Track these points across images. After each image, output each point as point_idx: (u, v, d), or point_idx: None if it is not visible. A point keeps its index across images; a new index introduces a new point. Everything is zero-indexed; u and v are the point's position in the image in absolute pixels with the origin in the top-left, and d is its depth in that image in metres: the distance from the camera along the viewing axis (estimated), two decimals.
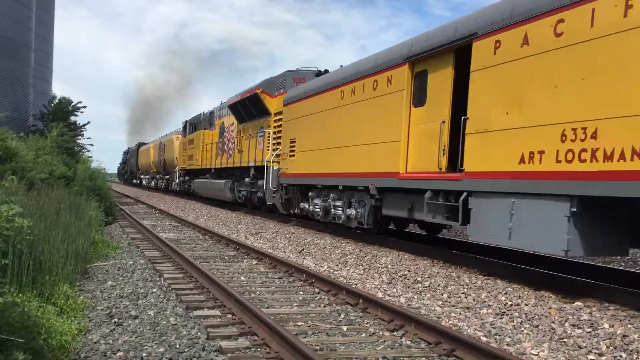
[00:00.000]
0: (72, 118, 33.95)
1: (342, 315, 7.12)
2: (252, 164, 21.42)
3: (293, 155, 17.06)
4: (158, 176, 45.34)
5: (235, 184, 24.22)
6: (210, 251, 12.82)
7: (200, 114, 32.26)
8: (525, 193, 8.07)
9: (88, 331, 6.22)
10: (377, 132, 12.31)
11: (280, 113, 18.76)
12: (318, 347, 5.72)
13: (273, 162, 18.92)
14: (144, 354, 5.50)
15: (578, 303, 7.49)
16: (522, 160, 8.15)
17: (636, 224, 7.63)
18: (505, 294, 8.10)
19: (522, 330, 6.52)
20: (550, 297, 7.88)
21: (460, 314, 7.29)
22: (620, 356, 5.61)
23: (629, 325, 6.44)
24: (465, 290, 8.49)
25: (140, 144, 59.20)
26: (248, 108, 21.92)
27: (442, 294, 8.37)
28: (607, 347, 5.85)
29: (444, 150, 10.19)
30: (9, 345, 4.11)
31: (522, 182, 8.10)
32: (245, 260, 11.57)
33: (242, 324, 6.52)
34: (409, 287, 8.99)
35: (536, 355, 5.64)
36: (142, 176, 54.89)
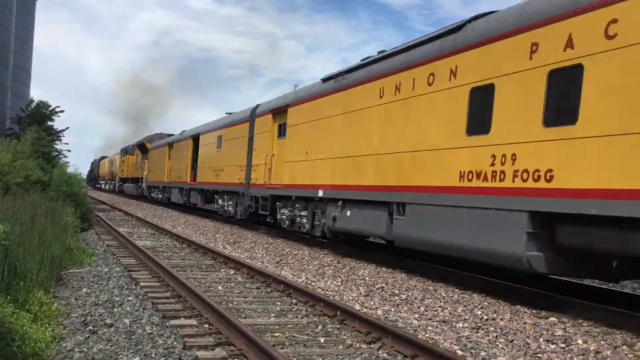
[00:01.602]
0: (50, 122, 33.64)
1: (320, 327, 7.12)
2: (142, 175, 42.44)
3: (149, 172, 38.72)
4: (109, 182, 65.72)
5: (137, 186, 45.03)
6: (188, 260, 12.74)
7: (130, 144, 51.27)
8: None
9: (62, 339, 6.15)
10: (181, 166, 29.72)
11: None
12: (295, 359, 5.71)
13: (147, 175, 39.72)
14: None
15: (552, 318, 7.59)
16: (193, 179, 27.35)
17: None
18: (481, 308, 8.17)
19: (498, 345, 6.58)
20: (525, 312, 7.98)
21: (437, 327, 7.34)
22: None
23: (602, 342, 6.54)
24: (442, 303, 8.55)
25: (101, 158, 78.12)
26: (142, 148, 42.78)
27: (419, 307, 8.42)
28: None
29: (189, 174, 28.07)
30: None
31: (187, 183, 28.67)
32: (222, 270, 11.51)
33: (219, 334, 6.48)
34: (386, 299, 9.02)
35: None
36: (101, 181, 74.53)
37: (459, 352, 6.21)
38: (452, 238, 9.35)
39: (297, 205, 15.79)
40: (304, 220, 15.30)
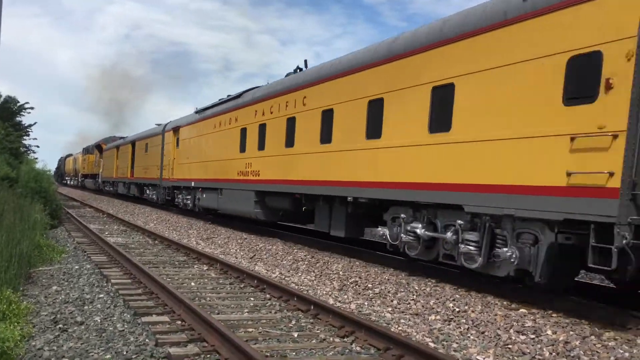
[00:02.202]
0: (18, 118, 33.01)
1: (293, 322, 7.12)
2: (99, 172, 47.91)
3: (104, 170, 44.88)
4: (74, 178, 71.91)
5: (95, 181, 50.82)
6: (160, 256, 12.62)
7: (89, 145, 57.41)
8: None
9: (32, 337, 6.04)
10: (124, 164, 36.96)
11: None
12: (269, 354, 5.71)
13: (102, 172, 45.86)
14: None
15: (523, 310, 7.71)
16: (132, 175, 34.76)
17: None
18: (453, 300, 8.26)
19: (469, 336, 6.66)
20: (496, 304, 8.08)
21: (410, 320, 7.40)
22: None
23: (571, 332, 6.67)
24: (415, 297, 8.62)
25: (67, 155, 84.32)
26: (99, 148, 48.71)
27: (392, 301, 8.48)
28: (550, 354, 6.04)
29: (129, 171, 35.37)
30: None
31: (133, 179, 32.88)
32: (195, 266, 11.43)
33: (191, 330, 6.44)
34: (359, 293, 9.06)
35: None
36: (67, 178, 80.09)
37: (431, 344, 6.27)
38: (236, 206, 17.99)
39: (184, 191, 24.24)
40: (188, 201, 23.45)
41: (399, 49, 10.47)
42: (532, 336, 6.56)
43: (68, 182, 78.32)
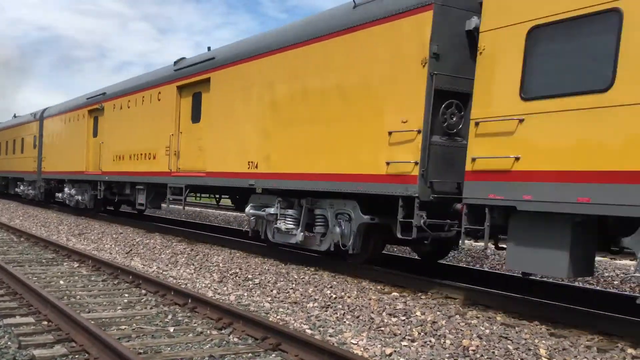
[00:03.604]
0: None
1: (170, 317, 6.96)
2: None
3: None
4: None
5: None
6: (26, 254, 11.83)
7: None
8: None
9: None
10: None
11: None
12: (142, 350, 5.54)
13: None
14: None
15: (395, 293, 8.06)
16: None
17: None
18: (331, 287, 8.47)
19: (345, 322, 6.86)
20: (371, 289, 8.39)
21: (288, 308, 7.49)
22: (430, 341, 6.13)
23: (438, 313, 7.07)
24: (294, 285, 8.74)
25: None
26: None
27: (271, 290, 8.53)
28: (419, 334, 6.36)
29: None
30: None
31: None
32: (65, 263, 10.84)
33: (59, 330, 6.11)
34: (239, 284, 9.03)
35: (355, 344, 5.97)
36: None
37: (308, 331, 6.39)
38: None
39: None
40: None
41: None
42: (403, 318, 6.88)
43: None
